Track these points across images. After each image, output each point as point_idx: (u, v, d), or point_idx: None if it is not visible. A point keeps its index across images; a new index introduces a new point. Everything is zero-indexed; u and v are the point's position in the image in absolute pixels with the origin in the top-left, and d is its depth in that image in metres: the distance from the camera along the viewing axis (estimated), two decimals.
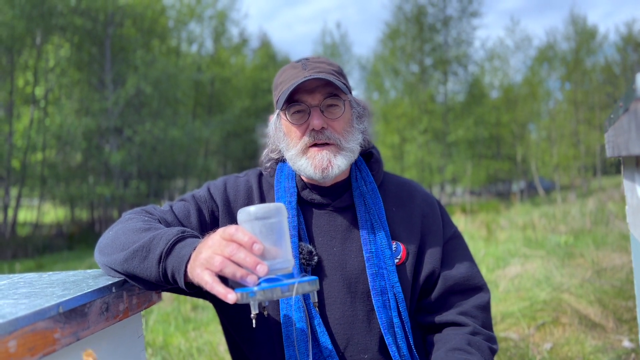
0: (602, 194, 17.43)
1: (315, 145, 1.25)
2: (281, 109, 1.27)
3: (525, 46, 31.88)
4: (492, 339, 1.28)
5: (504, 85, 31.61)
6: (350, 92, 1.31)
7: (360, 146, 1.33)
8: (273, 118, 1.37)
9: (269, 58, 34.03)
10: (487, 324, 1.31)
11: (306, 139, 1.25)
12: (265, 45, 35.69)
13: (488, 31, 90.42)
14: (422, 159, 26.71)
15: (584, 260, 5.72)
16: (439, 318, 1.30)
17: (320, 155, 1.24)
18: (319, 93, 1.24)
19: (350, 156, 1.28)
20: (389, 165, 27.14)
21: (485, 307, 1.32)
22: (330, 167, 1.24)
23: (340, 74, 1.31)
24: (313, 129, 1.24)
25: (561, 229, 8.75)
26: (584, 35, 30.34)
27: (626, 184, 1.13)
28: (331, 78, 1.21)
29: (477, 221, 11.73)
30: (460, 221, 11.70)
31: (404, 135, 27.32)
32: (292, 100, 1.25)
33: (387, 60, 29.32)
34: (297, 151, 1.26)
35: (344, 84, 1.25)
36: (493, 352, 1.26)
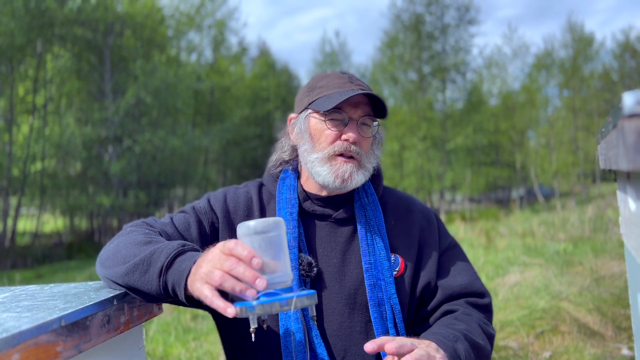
0: (601, 200, 17.44)
1: (342, 155, 1.28)
2: (323, 111, 1.28)
3: (523, 53, 32.01)
4: (488, 325, 1.29)
5: (503, 93, 31.71)
6: (386, 118, 1.36)
7: (374, 169, 1.37)
8: (298, 118, 1.37)
9: (268, 67, 34.13)
10: (486, 321, 1.31)
11: (336, 147, 1.27)
12: (265, 54, 35.80)
13: (486, 39, 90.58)
14: (422, 166, 26.74)
15: (583, 268, 5.72)
16: (433, 319, 1.32)
17: (345, 167, 1.27)
18: (360, 109, 1.28)
19: (367, 175, 1.32)
20: (389, 172, 27.16)
21: (484, 307, 1.33)
22: (350, 180, 1.27)
23: None
24: (346, 140, 1.27)
25: (560, 236, 8.76)
26: (582, 43, 30.46)
27: (619, 195, 1.15)
28: (380, 98, 1.26)
29: (476, 229, 11.73)
30: (459, 229, 11.71)
31: (403, 142, 27.36)
32: (335, 107, 1.27)
33: (385, 68, 29.41)
34: (323, 156, 1.28)
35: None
36: (489, 336, 1.26)
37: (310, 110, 1.31)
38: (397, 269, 1.30)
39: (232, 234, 1.29)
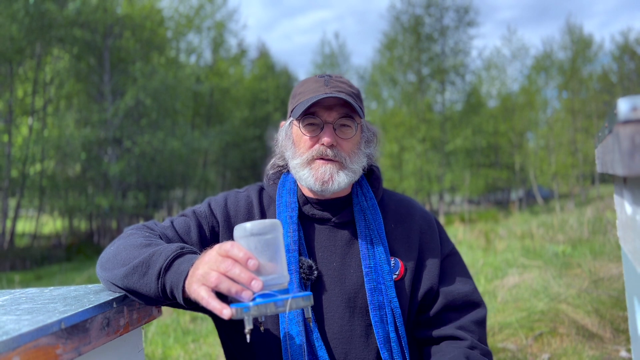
0: (600, 202, 17.46)
1: (321, 158, 1.28)
2: (296, 119, 1.30)
3: (522, 55, 32.05)
4: (488, 354, 1.29)
5: (502, 94, 31.73)
6: (364, 117, 1.35)
7: (364, 170, 1.37)
8: (285, 124, 1.40)
9: (268, 68, 34.16)
10: (483, 339, 1.32)
11: (314, 152, 1.28)
12: (264, 55, 35.82)
13: (485, 41, 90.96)
14: (421, 167, 26.73)
15: (582, 270, 5.73)
16: (437, 332, 1.32)
17: (324, 169, 1.27)
18: (335, 111, 1.28)
19: (352, 176, 1.31)
20: (388, 174, 27.14)
21: (482, 323, 1.34)
22: (331, 182, 1.27)
23: (359, 97, 1.35)
24: (322, 144, 1.27)
25: (559, 238, 8.76)
26: (581, 45, 30.49)
27: (616, 199, 1.16)
28: (350, 100, 1.25)
29: (475, 230, 11.73)
30: (458, 230, 11.71)
31: (402, 144, 27.37)
32: (308, 112, 1.28)
33: (385, 69, 29.43)
34: (303, 161, 1.29)
35: (360, 108, 1.28)
36: None
37: (292, 118, 1.33)
38: (397, 273, 1.30)
39: (232, 238, 1.30)
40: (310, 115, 1.28)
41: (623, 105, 0.62)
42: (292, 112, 1.33)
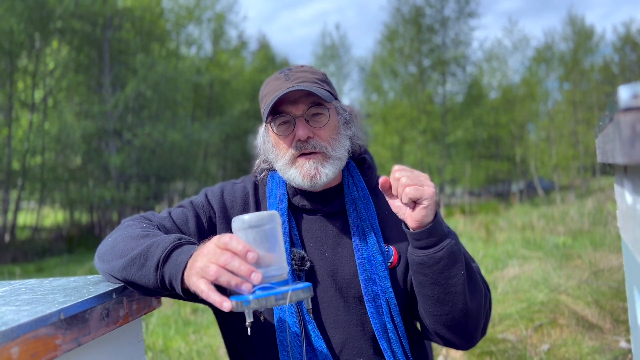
0: (601, 194, 17.46)
1: (302, 155, 1.27)
2: (266, 122, 1.28)
3: (524, 47, 31.92)
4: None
5: (503, 86, 31.64)
6: (336, 99, 1.32)
7: (349, 152, 1.34)
8: (262, 129, 1.39)
9: (268, 60, 34.06)
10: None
11: (293, 150, 1.26)
12: (264, 47, 35.73)
13: (486, 32, 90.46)
14: (422, 159, 26.70)
15: (582, 261, 5.74)
16: None
17: (308, 164, 1.25)
18: (302, 103, 1.25)
19: (338, 164, 1.29)
20: (389, 166, 27.03)
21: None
22: (318, 176, 1.25)
23: (325, 81, 1.32)
24: (299, 139, 1.25)
25: (559, 229, 8.77)
26: (582, 36, 30.37)
27: (617, 188, 1.15)
28: (313, 88, 1.21)
29: (476, 222, 11.74)
30: (459, 222, 11.72)
31: (403, 135, 27.32)
32: (276, 111, 1.26)
33: (385, 61, 29.34)
34: (286, 162, 1.28)
35: (328, 92, 1.26)
36: (486, 286, 1.29)
37: (265, 122, 1.31)
38: (390, 261, 1.29)
39: (229, 229, 1.30)
40: (279, 115, 1.26)
41: (624, 93, 0.61)
42: (263, 115, 1.31)
